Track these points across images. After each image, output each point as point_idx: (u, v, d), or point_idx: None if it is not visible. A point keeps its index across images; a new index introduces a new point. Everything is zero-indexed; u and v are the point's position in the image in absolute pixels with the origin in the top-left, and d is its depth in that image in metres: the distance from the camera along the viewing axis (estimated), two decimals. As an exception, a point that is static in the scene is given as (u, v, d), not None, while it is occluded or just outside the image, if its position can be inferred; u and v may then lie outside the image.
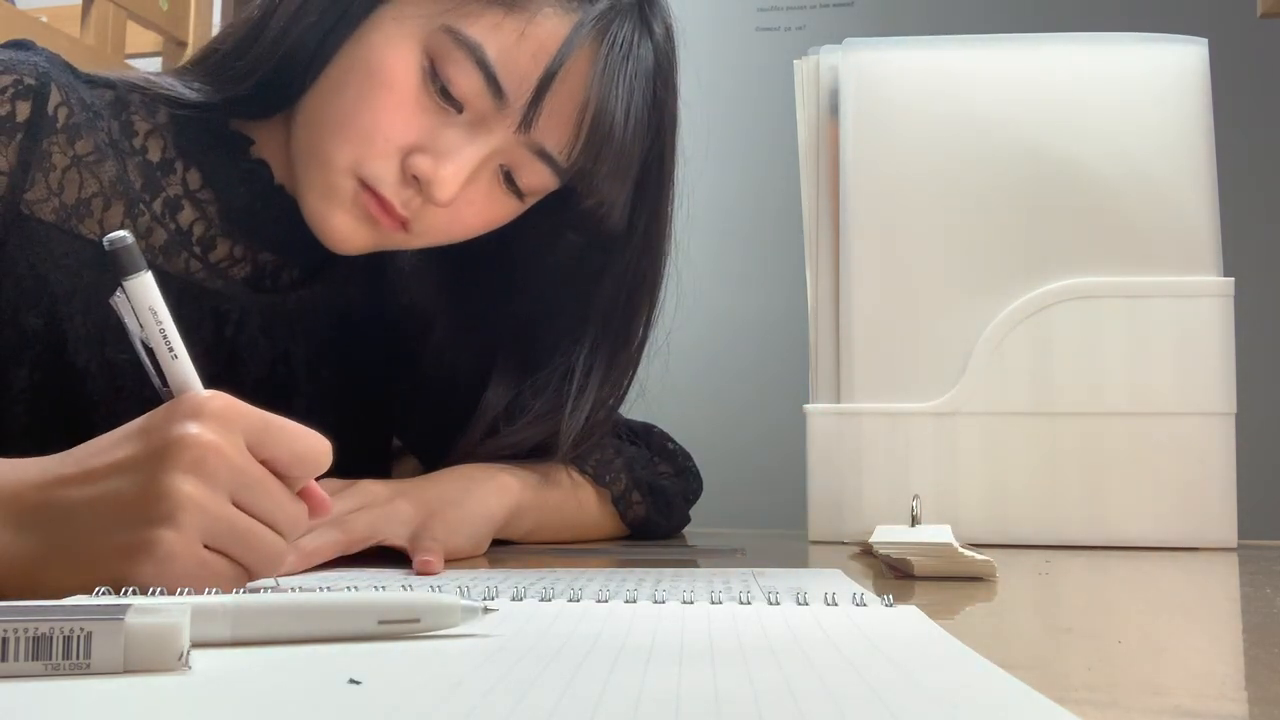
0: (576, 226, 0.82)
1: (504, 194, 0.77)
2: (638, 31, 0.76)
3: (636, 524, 0.92)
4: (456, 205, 0.74)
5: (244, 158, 0.79)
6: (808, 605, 0.45)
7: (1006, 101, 0.94)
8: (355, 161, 0.72)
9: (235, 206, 0.78)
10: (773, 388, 2.12)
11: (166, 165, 0.77)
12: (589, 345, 0.85)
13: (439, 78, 0.71)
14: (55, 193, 0.72)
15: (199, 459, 0.47)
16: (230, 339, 0.79)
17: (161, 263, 0.76)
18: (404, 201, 0.73)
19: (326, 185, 0.73)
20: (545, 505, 0.83)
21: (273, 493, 0.50)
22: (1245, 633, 0.47)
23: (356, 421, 0.90)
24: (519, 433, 0.84)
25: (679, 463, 0.98)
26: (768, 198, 2.05)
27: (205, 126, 0.78)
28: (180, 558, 0.46)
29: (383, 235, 0.75)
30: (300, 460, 0.51)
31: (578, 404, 0.84)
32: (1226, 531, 0.89)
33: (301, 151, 0.75)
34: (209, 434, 0.48)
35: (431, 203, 0.73)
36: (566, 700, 0.28)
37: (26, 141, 0.71)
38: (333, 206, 0.73)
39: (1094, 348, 0.91)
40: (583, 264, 0.85)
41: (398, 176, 0.72)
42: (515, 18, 0.71)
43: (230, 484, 0.48)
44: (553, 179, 0.76)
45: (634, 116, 0.75)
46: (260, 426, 0.50)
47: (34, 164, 0.71)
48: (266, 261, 0.81)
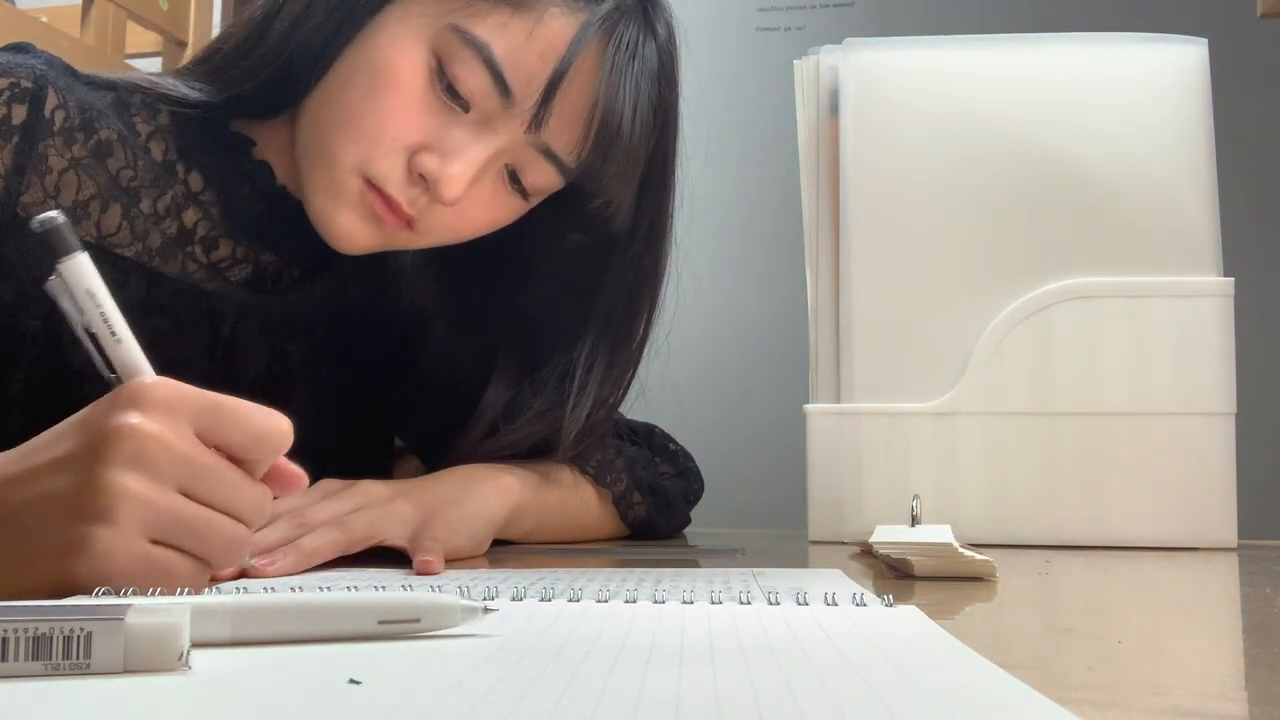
0: (580, 226, 0.82)
1: (509, 193, 0.77)
2: (642, 31, 0.76)
3: (637, 524, 0.92)
4: (462, 204, 0.74)
5: (246, 159, 0.79)
6: (808, 605, 0.45)
7: (1006, 101, 0.94)
8: (362, 161, 0.72)
9: (237, 208, 0.79)
10: (773, 388, 2.12)
11: (168, 167, 0.78)
12: (590, 343, 0.85)
13: (445, 76, 0.71)
14: (51, 195, 0.72)
15: (138, 450, 0.45)
16: (227, 339, 0.79)
17: (158, 264, 0.76)
18: (410, 200, 0.73)
19: (332, 184, 0.73)
20: (546, 505, 0.83)
21: (227, 479, 0.48)
22: (1245, 633, 0.47)
23: (357, 421, 0.90)
24: (519, 431, 0.84)
25: (680, 463, 0.98)
26: (768, 198, 2.05)
27: (207, 128, 0.78)
28: (118, 555, 0.45)
29: (388, 235, 0.75)
30: (257, 441, 0.49)
31: (578, 402, 0.83)
32: (1226, 531, 0.89)
33: (307, 151, 0.75)
34: (150, 423, 0.46)
35: (438, 202, 0.73)
36: (566, 700, 0.28)
37: (22, 145, 0.71)
38: (338, 206, 0.74)
39: (1094, 348, 0.91)
40: (584, 263, 0.85)
41: (404, 175, 0.72)
42: (523, 17, 0.71)
43: (176, 474, 0.46)
44: (558, 178, 0.77)
45: (640, 117, 0.76)
46: (208, 410, 0.48)
47: (30, 167, 0.71)
48: (268, 262, 0.81)
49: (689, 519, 1.00)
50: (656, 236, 0.84)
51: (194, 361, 0.77)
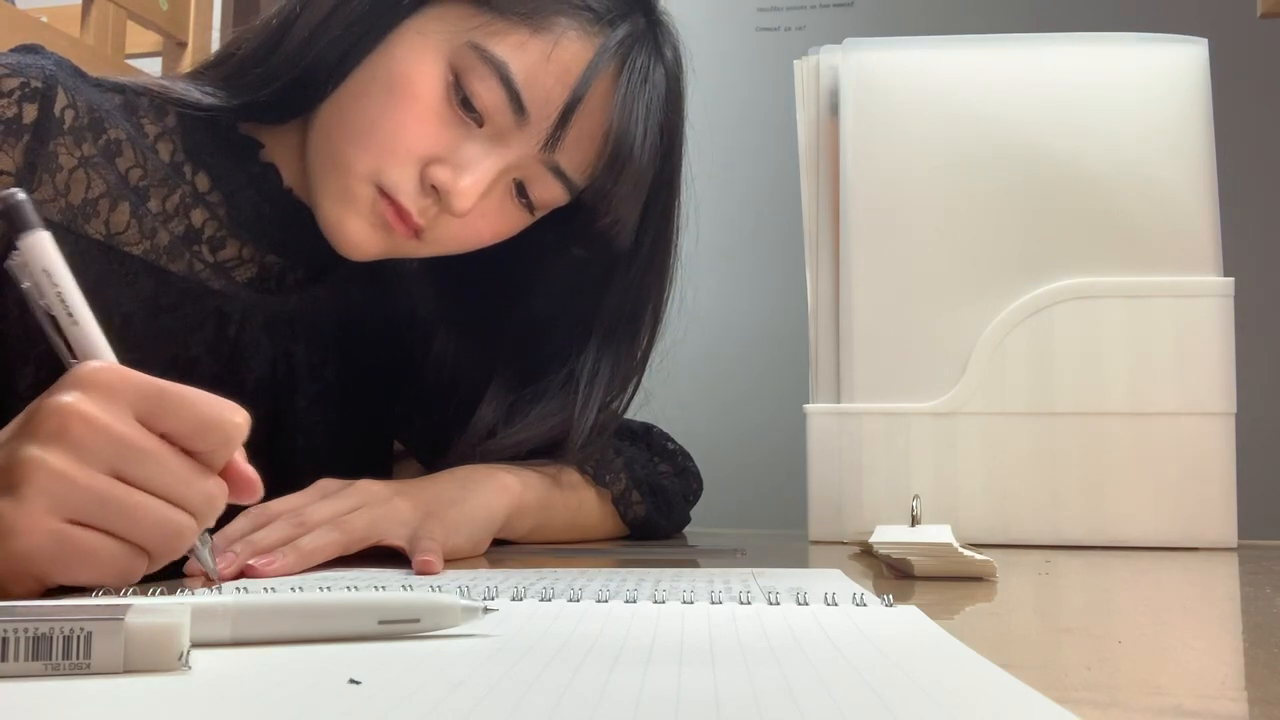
0: (584, 242, 0.84)
1: (515, 206, 0.79)
2: (653, 57, 0.79)
3: (637, 524, 0.92)
4: (470, 216, 0.75)
5: (253, 161, 0.80)
6: (808, 605, 0.45)
7: (1006, 101, 0.94)
8: (375, 170, 0.73)
9: (243, 209, 0.79)
10: (773, 388, 2.13)
11: (176, 167, 0.78)
12: (593, 355, 0.86)
13: (462, 90, 0.73)
14: (62, 193, 0.72)
15: (60, 428, 0.44)
16: (233, 338, 0.79)
17: (165, 262, 0.76)
18: (421, 210, 0.74)
19: (344, 191, 0.74)
20: (546, 505, 0.83)
21: (168, 465, 0.47)
22: (1245, 633, 0.47)
23: (359, 422, 0.90)
24: (517, 434, 0.84)
25: (679, 462, 0.99)
26: (768, 198, 2.05)
27: (214, 130, 0.79)
28: (24, 533, 0.44)
29: (395, 242, 0.77)
30: (205, 429, 0.47)
31: (583, 410, 0.84)
32: (1226, 531, 0.89)
33: (319, 157, 0.76)
34: (83, 402, 0.45)
35: (449, 213, 0.74)
36: (566, 700, 0.28)
37: (33, 143, 0.71)
38: (349, 212, 0.75)
39: (1094, 348, 0.91)
40: (587, 277, 0.86)
41: (416, 186, 0.74)
42: (541, 39, 0.73)
43: (105, 454, 0.45)
44: (564, 195, 0.78)
45: (649, 140, 0.78)
46: (152, 395, 0.47)
47: (40, 165, 0.71)
48: (273, 264, 0.81)
49: (688, 518, 1.00)
50: (660, 254, 0.86)
51: (200, 360, 0.77)
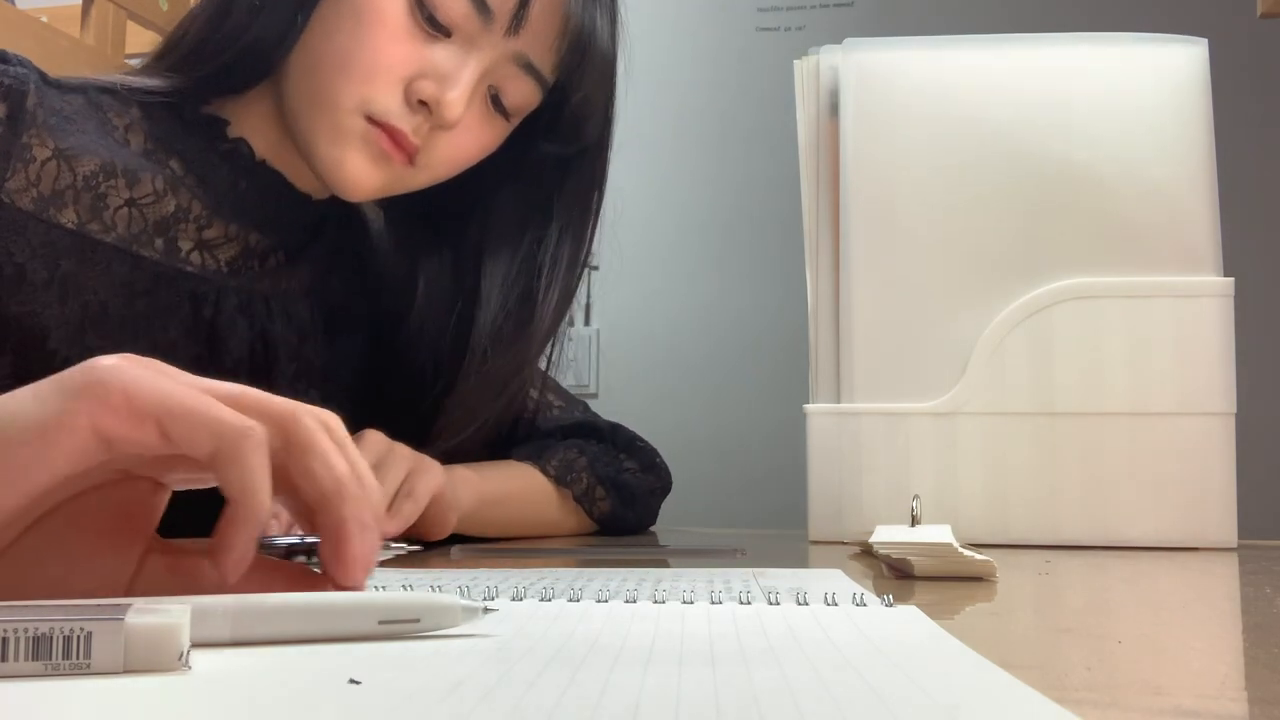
0: (554, 137, 0.87)
1: (493, 116, 0.82)
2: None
3: (604, 519, 0.96)
4: (456, 131, 0.79)
5: (221, 139, 0.81)
6: (808, 605, 0.45)
7: (1006, 101, 0.94)
8: (362, 99, 0.76)
9: (219, 188, 0.81)
10: (773, 388, 2.13)
11: (148, 155, 0.80)
12: (554, 240, 0.90)
13: (425, 7, 0.76)
14: (34, 183, 0.74)
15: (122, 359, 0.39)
16: (209, 320, 0.80)
17: (137, 248, 0.77)
18: (414, 129, 0.77)
19: (336, 128, 0.77)
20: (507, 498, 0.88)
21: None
22: (1245, 633, 0.47)
23: (339, 404, 0.91)
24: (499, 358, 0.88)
25: (646, 458, 1.02)
26: (768, 198, 2.06)
27: (178, 115, 0.81)
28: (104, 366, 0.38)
29: (394, 173, 0.79)
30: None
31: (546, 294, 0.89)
32: (1226, 531, 0.89)
33: (303, 103, 0.78)
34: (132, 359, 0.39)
35: (441, 125, 0.78)
36: (566, 700, 0.28)
37: (7, 134, 0.73)
38: (345, 149, 0.77)
39: (1094, 348, 0.91)
40: (546, 178, 0.90)
41: (404, 106, 0.77)
42: None
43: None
44: (536, 93, 0.82)
45: (605, 24, 0.83)
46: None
47: (14, 154, 0.73)
48: (256, 243, 0.83)
49: (656, 513, 1.03)
50: (607, 138, 0.90)
51: (179, 344, 0.79)
